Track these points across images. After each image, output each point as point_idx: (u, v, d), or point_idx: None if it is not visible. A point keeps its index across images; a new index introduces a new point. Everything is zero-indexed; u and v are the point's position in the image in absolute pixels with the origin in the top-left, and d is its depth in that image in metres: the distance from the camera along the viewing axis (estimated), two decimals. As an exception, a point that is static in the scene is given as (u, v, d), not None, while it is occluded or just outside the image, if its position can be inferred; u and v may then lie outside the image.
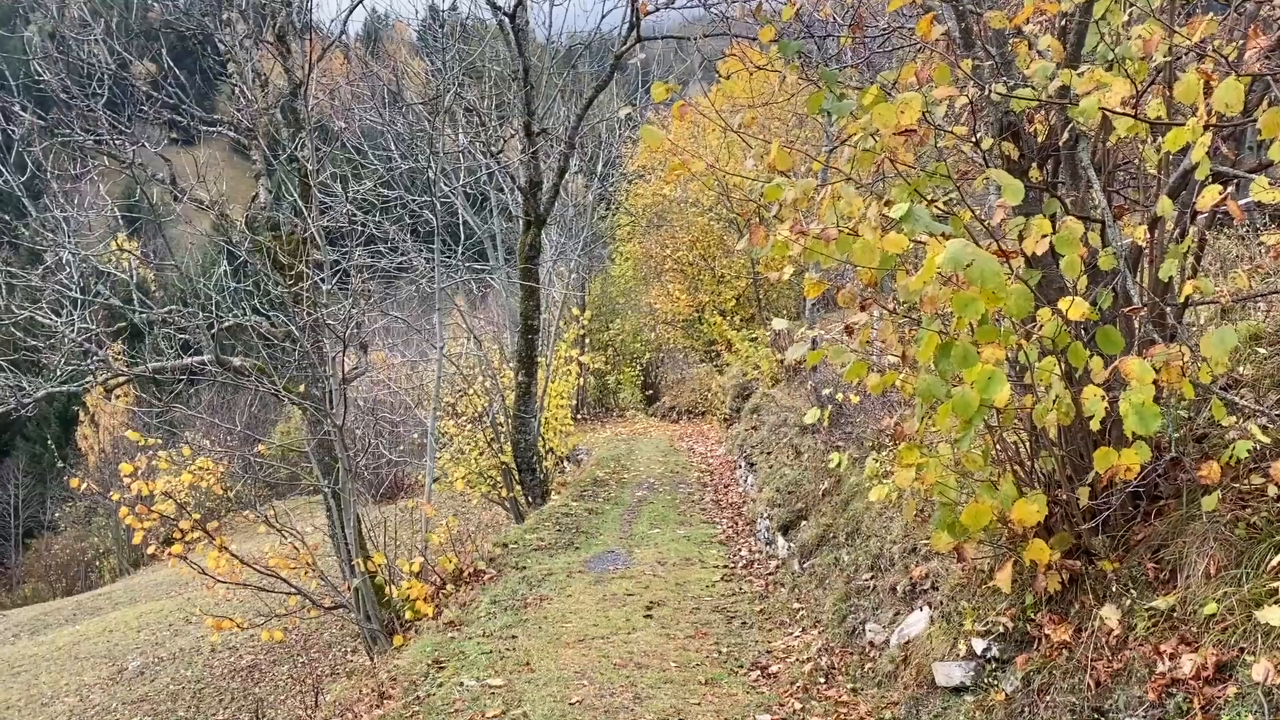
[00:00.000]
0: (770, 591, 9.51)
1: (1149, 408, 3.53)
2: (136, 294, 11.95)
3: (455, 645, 7.95)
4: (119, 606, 27.46)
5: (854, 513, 8.58)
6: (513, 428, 16.51)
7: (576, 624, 8.46)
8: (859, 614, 7.12)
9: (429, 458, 12.33)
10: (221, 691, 19.19)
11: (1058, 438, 4.71)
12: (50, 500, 50.48)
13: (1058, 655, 4.45)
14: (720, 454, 19.73)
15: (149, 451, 11.90)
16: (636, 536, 12.56)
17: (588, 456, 22.04)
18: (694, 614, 8.80)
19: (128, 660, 21.23)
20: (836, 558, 8.40)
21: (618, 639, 7.97)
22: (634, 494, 15.91)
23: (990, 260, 3.65)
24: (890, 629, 6.41)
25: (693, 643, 7.86)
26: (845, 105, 4.57)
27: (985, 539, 5.07)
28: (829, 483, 9.86)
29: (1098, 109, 3.61)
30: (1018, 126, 4.59)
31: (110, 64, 11.71)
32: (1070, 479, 4.56)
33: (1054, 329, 3.95)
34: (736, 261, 26.85)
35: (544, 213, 15.99)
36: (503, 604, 9.28)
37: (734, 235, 26.10)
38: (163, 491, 10.95)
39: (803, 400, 14.05)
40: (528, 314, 15.96)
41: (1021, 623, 4.78)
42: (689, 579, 10.15)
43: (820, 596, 8.28)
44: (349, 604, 11.50)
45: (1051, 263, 4.82)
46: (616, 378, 32.18)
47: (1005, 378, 3.86)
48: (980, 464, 4.51)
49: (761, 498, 12.17)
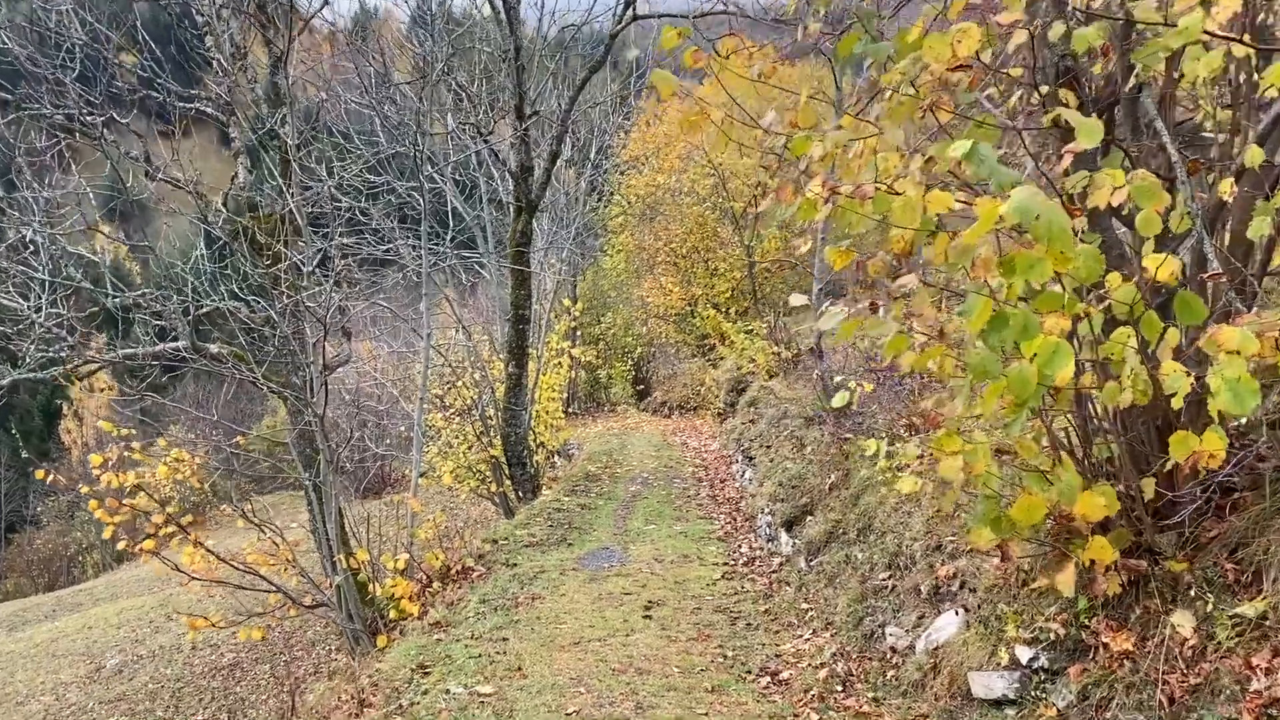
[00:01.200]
0: (775, 590, 9.00)
1: (1246, 383, 3.04)
2: (110, 277, 11.42)
3: (442, 648, 7.42)
4: (100, 602, 26.95)
5: (866, 507, 8.08)
6: (502, 421, 15.96)
7: (571, 625, 7.94)
8: (877, 616, 6.60)
9: (415, 450, 11.78)
10: (201, 690, 18.68)
11: (1114, 422, 4.22)
12: (33, 494, 49.72)
13: (1119, 666, 3.96)
14: (715, 449, 19.22)
15: (121, 443, 11.33)
16: (631, 532, 12.04)
17: (579, 451, 21.51)
18: (695, 614, 8.29)
19: (106, 658, 20.76)
20: (848, 555, 7.89)
21: (615, 641, 7.44)
22: (627, 489, 15.40)
23: (1060, 214, 3.15)
24: (915, 633, 5.89)
25: (695, 645, 7.35)
26: (882, 48, 4.07)
27: (1030, 536, 4.57)
28: (836, 476, 9.37)
29: (1200, 27, 3.09)
30: (1076, 72, 4.08)
31: (81, 35, 11.14)
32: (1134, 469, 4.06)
33: (1129, 295, 3.45)
34: (731, 254, 26.35)
35: (535, 199, 15.45)
36: (493, 603, 8.75)
37: (729, 226, 25.65)
38: (135, 485, 10.39)
39: (806, 390, 13.55)
40: (518, 303, 15.42)
41: (1074, 629, 4.29)
42: (688, 577, 9.65)
43: (831, 596, 7.77)
44: (331, 602, 10.96)
45: (1109, 225, 4.33)
46: (608, 372, 31.72)
47: (1071, 351, 3.36)
48: (1034, 452, 4.00)
49: (762, 493, 11.67)
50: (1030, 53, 3.84)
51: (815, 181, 3.88)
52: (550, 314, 19.97)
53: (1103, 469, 4.35)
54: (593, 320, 31.58)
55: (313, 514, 11.34)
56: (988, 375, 3.56)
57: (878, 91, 4.20)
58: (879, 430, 8.69)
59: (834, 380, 10.15)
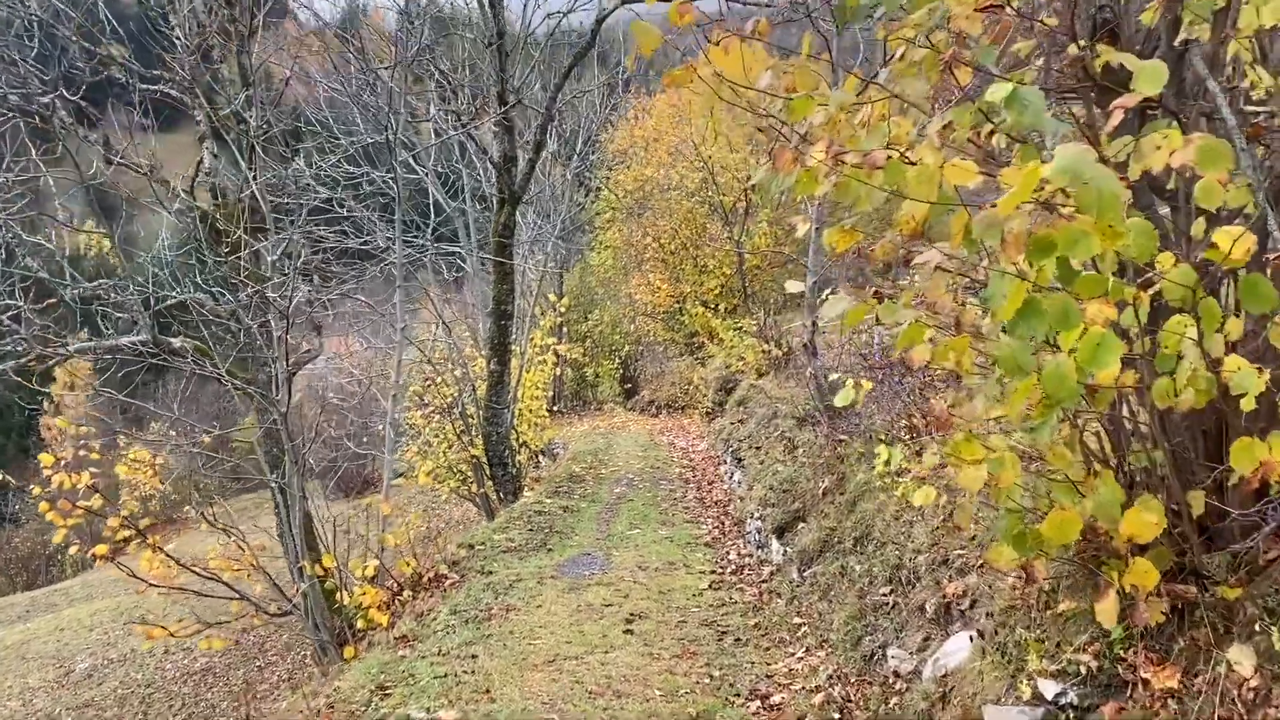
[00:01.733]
0: (765, 602, 8.46)
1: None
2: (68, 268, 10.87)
3: (406, 665, 6.86)
4: (75, 603, 26.40)
5: (863, 515, 7.54)
6: (484, 419, 15.40)
7: (547, 641, 7.39)
8: (877, 635, 6.06)
9: (387, 450, 11.22)
10: (172, 696, 18.14)
11: (1151, 426, 3.70)
12: (11, 492, 48.94)
13: (1162, 706, 3.43)
14: (702, 449, 18.70)
15: (80, 442, 10.76)
16: (615, 537, 11.50)
17: (564, 451, 20.96)
18: (680, 628, 7.75)
19: (76, 661, 20.24)
20: (843, 566, 7.36)
21: (593, 659, 6.90)
22: (612, 491, 14.85)
23: (1112, 179, 2.63)
24: (920, 656, 5.35)
25: (680, 664, 6.81)
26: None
27: (1057, 555, 4.04)
28: (830, 480, 8.84)
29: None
30: (1116, 24, 3.56)
31: (38, 11, 10.57)
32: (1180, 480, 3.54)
33: (1187, 277, 2.93)
34: (720, 250, 25.87)
35: (519, 190, 14.91)
36: (464, 615, 8.19)
37: (718, 222, 25.17)
38: (88, 485, 9.80)
39: (797, 389, 13.01)
40: (500, 298, 14.87)
41: (1108, 662, 3.76)
42: (673, 586, 9.11)
43: (825, 611, 7.24)
44: (297, 610, 10.41)
45: (1150, 200, 3.81)
46: (595, 370, 31.25)
47: (1119, 344, 2.84)
48: (1069, 461, 3.47)
49: (752, 496, 11.15)
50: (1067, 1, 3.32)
51: (818, 147, 3.35)
52: (535, 308, 19.38)
53: (1139, 480, 3.83)
54: (580, 317, 31.14)
55: (279, 517, 10.78)
56: (1019, 371, 3.04)
57: (890, 51, 3.68)
58: (876, 432, 8.16)
59: (828, 378, 9.62)
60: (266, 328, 10.07)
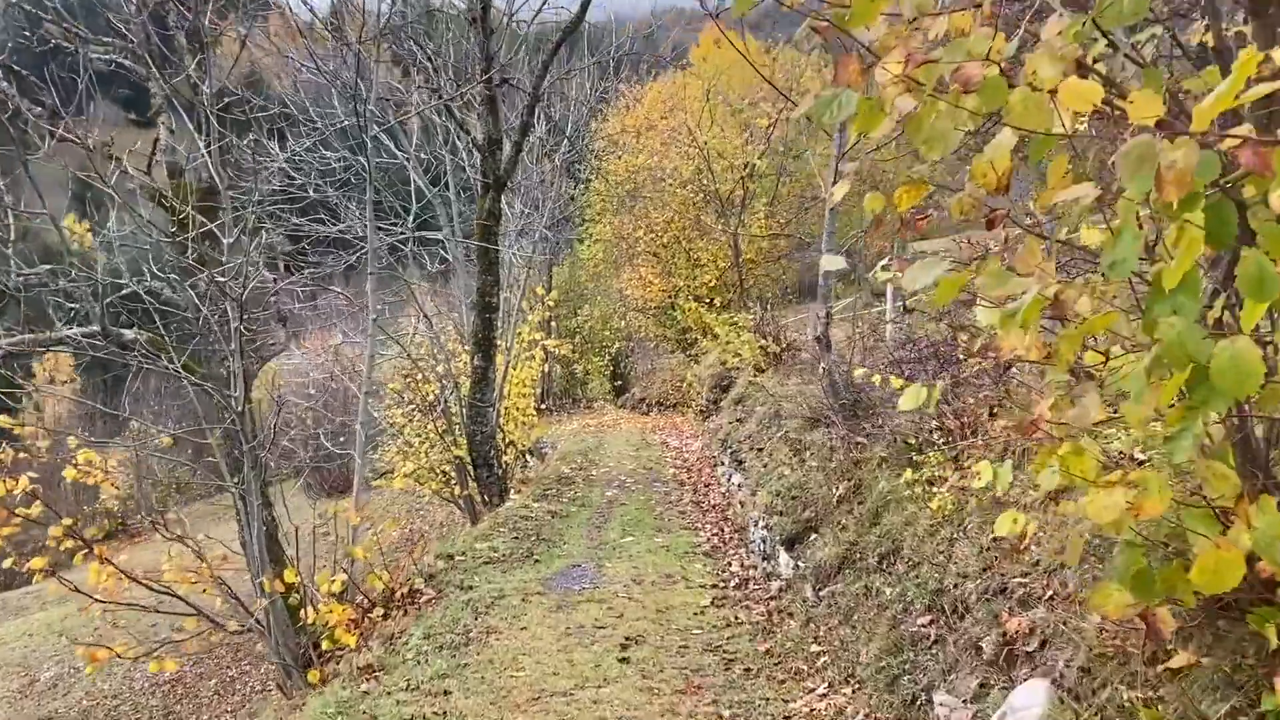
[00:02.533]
0: (776, 623, 7.57)
1: None
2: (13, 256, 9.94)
3: (368, 704, 5.96)
4: (47, 606, 25.42)
5: (889, 528, 6.65)
6: (468, 418, 14.48)
7: (531, 672, 6.49)
8: (918, 675, 5.14)
9: (357, 449, 10.29)
10: (139, 709, 17.29)
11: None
12: (-13, 490, 47.80)
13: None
14: (697, 448, 17.84)
15: (18, 444, 9.83)
16: (607, 546, 10.62)
17: (553, 450, 20.07)
18: (682, 655, 6.87)
19: (42, 669, 19.37)
20: (868, 587, 6.47)
21: (584, 696, 6.01)
22: (603, 493, 13.97)
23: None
24: (979, 707, 4.43)
25: (684, 701, 5.93)
26: None
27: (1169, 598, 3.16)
28: (845, 487, 7.94)
29: None
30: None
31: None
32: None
33: None
34: (714, 243, 25.01)
35: (504, 175, 14.02)
36: (438, 639, 7.28)
37: (713, 213, 24.32)
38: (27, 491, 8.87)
39: (804, 386, 12.11)
40: (485, 290, 13.96)
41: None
42: (672, 603, 8.23)
43: (849, 638, 6.35)
44: (259, 626, 9.48)
45: None
46: (585, 367, 30.46)
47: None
48: (1229, 480, 2.58)
49: (755, 502, 10.27)
50: None
51: (894, 55, 2.47)
52: (523, 302, 18.46)
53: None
54: (569, 313, 30.39)
55: (241, 525, 9.86)
56: (1187, 359, 2.16)
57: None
58: (904, 434, 7.27)
59: (848, 373, 8.74)
60: (225, 318, 9.15)
